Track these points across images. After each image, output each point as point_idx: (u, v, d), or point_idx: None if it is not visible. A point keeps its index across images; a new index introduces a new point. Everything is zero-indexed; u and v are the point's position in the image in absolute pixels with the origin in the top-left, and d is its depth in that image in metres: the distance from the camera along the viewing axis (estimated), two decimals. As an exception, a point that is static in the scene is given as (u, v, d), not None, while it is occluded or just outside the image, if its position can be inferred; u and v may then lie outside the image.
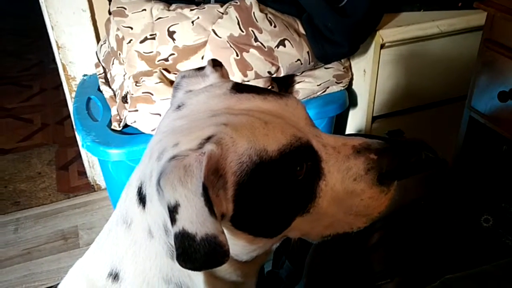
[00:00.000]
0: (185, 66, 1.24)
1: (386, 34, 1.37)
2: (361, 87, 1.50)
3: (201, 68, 0.65)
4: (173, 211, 0.47)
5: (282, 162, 0.53)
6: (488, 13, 1.12)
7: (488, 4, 1.11)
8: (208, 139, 0.51)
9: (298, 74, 1.41)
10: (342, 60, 1.44)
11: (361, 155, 0.60)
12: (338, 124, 1.59)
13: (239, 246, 0.58)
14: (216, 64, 0.64)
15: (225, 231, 0.54)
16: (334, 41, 1.28)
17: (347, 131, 1.64)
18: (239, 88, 0.58)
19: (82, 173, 1.97)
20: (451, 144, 1.38)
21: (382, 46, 1.39)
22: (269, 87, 1.30)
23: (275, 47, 1.25)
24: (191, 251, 0.46)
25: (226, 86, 0.59)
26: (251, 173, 0.52)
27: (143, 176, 0.56)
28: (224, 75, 0.64)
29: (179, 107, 0.59)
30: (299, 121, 0.58)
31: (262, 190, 0.53)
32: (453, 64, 1.50)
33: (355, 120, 1.57)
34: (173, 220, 0.47)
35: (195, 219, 0.47)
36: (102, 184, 1.90)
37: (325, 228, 0.62)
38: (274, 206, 0.55)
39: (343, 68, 1.45)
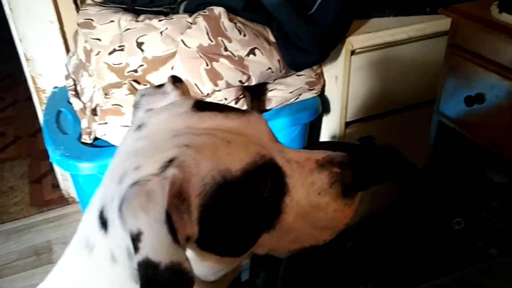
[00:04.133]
0: (154, 77, 1.23)
1: (355, 40, 1.38)
2: (334, 93, 1.50)
3: (161, 85, 0.64)
4: (136, 239, 0.46)
5: (246, 181, 0.53)
6: (452, 19, 1.14)
7: (452, 10, 1.13)
8: (170, 161, 0.50)
9: (270, 82, 1.41)
10: (314, 67, 1.45)
11: (324, 169, 0.60)
12: (312, 131, 1.60)
13: (206, 267, 0.57)
14: (176, 80, 0.63)
15: (191, 253, 0.54)
16: (304, 48, 1.29)
17: (321, 138, 1.65)
18: (200, 106, 0.58)
19: (56, 186, 1.94)
20: (423, 148, 1.40)
21: (353, 53, 1.40)
22: (241, 96, 1.30)
23: (245, 56, 1.25)
24: (156, 280, 0.45)
25: (187, 104, 0.58)
26: (215, 194, 0.51)
27: (105, 199, 0.54)
28: (185, 91, 0.63)
29: (139, 127, 0.57)
30: (262, 138, 0.58)
31: (227, 210, 0.53)
32: (423, 69, 1.52)
33: (329, 126, 1.58)
34: (136, 249, 0.46)
35: (159, 248, 0.45)
36: (77, 196, 1.87)
37: (291, 242, 0.62)
38: (239, 225, 0.55)
39: (315, 75, 1.46)
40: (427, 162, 1.36)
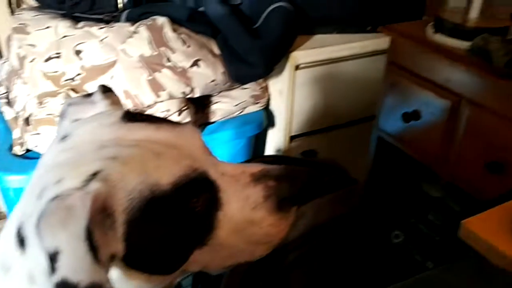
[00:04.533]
0: (93, 86, 1.19)
1: (300, 55, 1.39)
2: (279, 107, 1.51)
3: (90, 95, 0.61)
4: (53, 258, 0.42)
5: (176, 195, 0.51)
6: (391, 37, 1.18)
7: (390, 29, 1.17)
8: (94, 175, 0.48)
9: (214, 94, 1.40)
10: (259, 81, 1.45)
11: (260, 182, 0.59)
12: (257, 144, 1.60)
13: (134, 287, 0.54)
14: (106, 90, 0.61)
15: (117, 272, 0.51)
16: (248, 62, 1.29)
17: (267, 151, 1.65)
18: (130, 117, 0.55)
19: (-14, 199, 1.82)
20: (365, 163, 1.43)
21: (297, 67, 1.42)
22: (184, 108, 1.28)
23: (189, 67, 1.23)
24: None
25: (116, 115, 0.55)
26: (143, 210, 0.49)
27: (23, 216, 0.50)
28: (115, 101, 0.61)
29: (64, 138, 0.54)
30: (195, 151, 0.56)
31: (155, 226, 0.50)
32: (366, 85, 1.56)
33: (274, 140, 1.59)
34: (53, 269, 0.42)
35: (78, 267, 0.42)
36: (7, 212, 1.76)
37: (225, 258, 0.60)
38: (169, 241, 0.52)
39: (260, 89, 1.46)
40: (367, 176, 1.39)
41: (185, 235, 0.53)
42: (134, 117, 0.55)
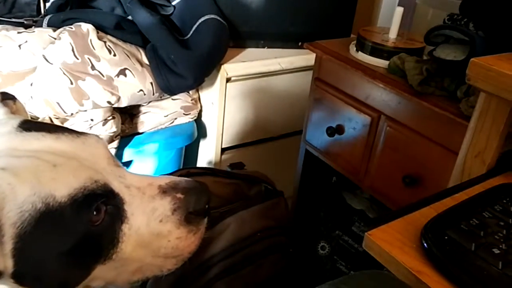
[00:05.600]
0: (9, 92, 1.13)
1: (230, 68, 1.40)
2: (210, 119, 1.51)
3: None
4: None
5: (74, 208, 0.49)
6: (316, 54, 1.21)
7: (315, 46, 1.20)
8: None
9: (144, 104, 1.37)
10: (191, 92, 1.44)
11: (167, 195, 0.58)
12: (188, 156, 1.58)
13: None
14: (6, 97, 0.58)
15: None
16: (177, 73, 1.27)
17: (198, 163, 1.63)
18: (27, 126, 0.53)
19: None
20: (293, 175, 1.45)
21: (228, 80, 1.42)
22: (110, 117, 1.24)
23: (115, 76, 1.20)
24: None
25: (11, 124, 0.53)
26: (35, 223, 0.47)
27: None
28: (18, 110, 0.58)
29: (-49, 147, 0.51)
30: (98, 162, 0.55)
31: (49, 241, 0.48)
32: (295, 100, 1.59)
33: (206, 152, 1.58)
34: None
35: None
36: None
37: (132, 273, 0.58)
38: (65, 257, 0.50)
39: (192, 100, 1.45)
40: (295, 189, 1.41)
41: (84, 250, 0.51)
42: (31, 126, 0.53)
